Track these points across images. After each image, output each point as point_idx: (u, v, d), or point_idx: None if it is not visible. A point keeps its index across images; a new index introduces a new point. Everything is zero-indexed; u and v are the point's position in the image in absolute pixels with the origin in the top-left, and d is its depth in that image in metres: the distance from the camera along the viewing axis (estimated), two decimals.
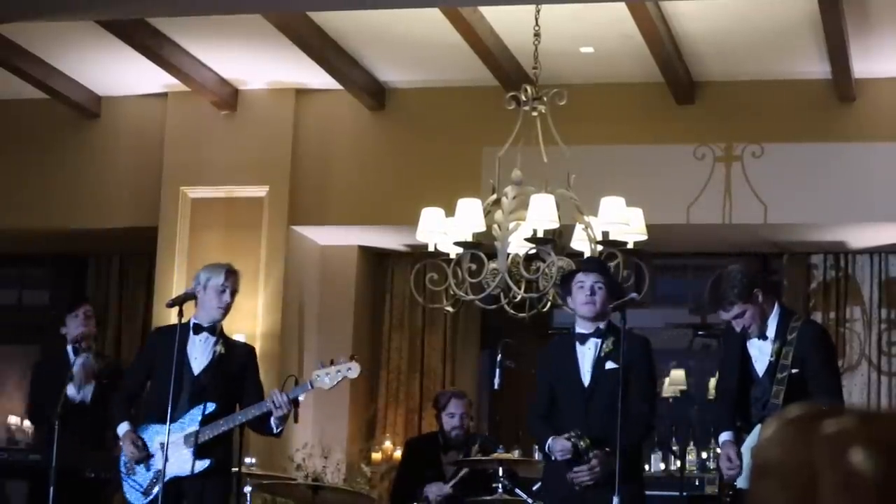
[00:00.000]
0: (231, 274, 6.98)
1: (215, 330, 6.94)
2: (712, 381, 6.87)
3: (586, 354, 6.56)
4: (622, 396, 6.29)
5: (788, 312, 6.46)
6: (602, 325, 6.55)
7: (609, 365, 6.48)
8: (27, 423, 11.03)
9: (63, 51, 9.80)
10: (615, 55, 9.38)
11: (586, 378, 6.54)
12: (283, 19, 8.82)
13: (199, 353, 6.90)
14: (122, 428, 6.93)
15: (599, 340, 6.53)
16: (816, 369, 6.23)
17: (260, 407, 6.76)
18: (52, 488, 7.00)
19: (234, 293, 6.98)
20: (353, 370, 6.94)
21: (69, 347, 8.09)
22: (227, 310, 6.98)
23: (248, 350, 7.23)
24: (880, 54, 9.17)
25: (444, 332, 10.86)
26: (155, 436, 6.85)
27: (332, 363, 6.95)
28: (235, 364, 6.94)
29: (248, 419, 6.81)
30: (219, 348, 6.91)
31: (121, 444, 6.94)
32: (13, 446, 10.09)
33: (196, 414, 6.77)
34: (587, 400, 6.46)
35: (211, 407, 6.78)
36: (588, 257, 7.29)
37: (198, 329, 6.92)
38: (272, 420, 6.79)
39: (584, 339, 6.57)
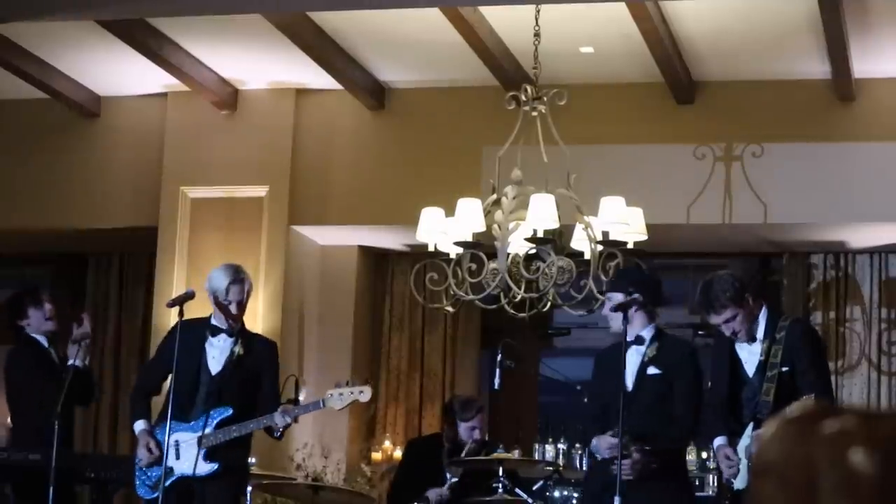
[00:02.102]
0: (234, 284, 6.88)
1: (233, 332, 6.91)
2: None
3: (630, 360, 6.63)
4: (664, 401, 6.41)
5: (776, 313, 6.55)
6: (644, 334, 6.63)
7: (650, 371, 6.58)
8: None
9: (63, 51, 9.79)
10: (615, 55, 9.38)
11: (630, 383, 6.61)
12: (283, 19, 8.82)
13: (218, 352, 6.87)
14: (139, 426, 6.92)
15: (642, 347, 6.63)
16: (805, 367, 6.28)
17: (270, 419, 6.76)
18: (51, 488, 6.99)
19: (239, 304, 6.92)
20: (365, 394, 6.93)
21: (42, 338, 7.89)
22: (235, 320, 6.93)
23: (268, 347, 7.12)
24: (880, 54, 9.17)
25: (444, 332, 10.86)
26: (171, 433, 6.85)
27: (347, 384, 6.95)
28: (254, 364, 6.91)
29: (261, 427, 6.83)
30: (237, 349, 6.86)
31: (138, 441, 6.93)
32: (12, 446, 10.07)
33: (212, 417, 6.77)
34: (629, 404, 6.49)
35: (227, 412, 6.77)
36: (617, 273, 7.25)
37: (216, 330, 6.90)
38: (275, 432, 6.82)
39: (628, 346, 6.67)
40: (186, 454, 6.75)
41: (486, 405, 10.87)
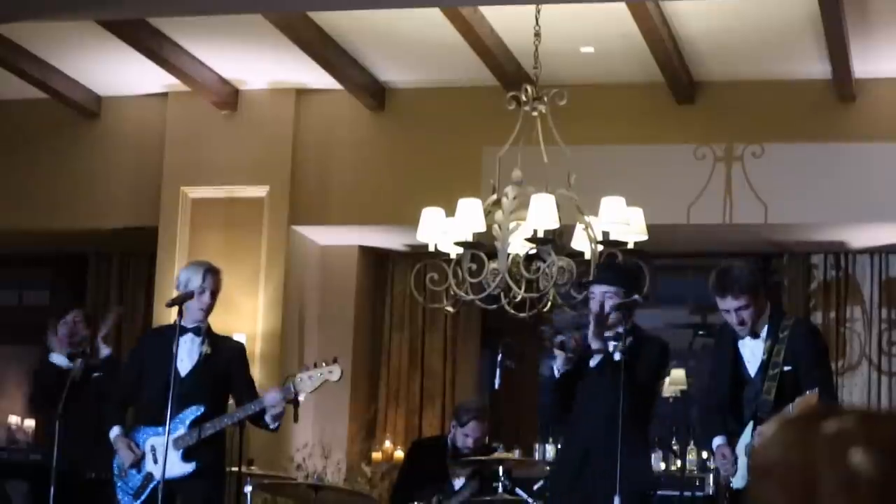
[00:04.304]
0: (209, 273, 6.92)
1: (200, 331, 6.93)
2: None
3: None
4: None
5: (780, 312, 6.56)
6: (622, 329, 6.63)
7: (616, 357, 6.60)
8: (27, 421, 11.02)
9: (63, 51, 9.80)
10: (615, 55, 9.38)
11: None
12: (284, 19, 8.82)
13: (186, 354, 6.87)
14: (114, 432, 6.94)
15: (616, 343, 6.66)
16: (808, 367, 6.28)
17: (245, 410, 6.76)
18: (52, 488, 6.99)
19: (213, 293, 6.92)
20: (335, 373, 6.87)
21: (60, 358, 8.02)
22: (207, 311, 6.94)
23: (236, 347, 7.19)
24: (880, 54, 9.17)
25: (444, 332, 10.86)
26: (147, 439, 6.86)
27: (315, 366, 6.91)
28: (222, 363, 6.93)
29: (236, 421, 6.82)
30: (204, 349, 6.88)
31: (115, 448, 6.94)
32: (13, 446, 10.08)
33: (184, 417, 6.77)
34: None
35: (199, 410, 6.78)
36: (600, 265, 7.29)
37: (183, 331, 6.90)
38: (267, 417, 6.79)
39: (617, 338, 6.72)
40: (163, 457, 6.74)
41: (487, 405, 10.89)
